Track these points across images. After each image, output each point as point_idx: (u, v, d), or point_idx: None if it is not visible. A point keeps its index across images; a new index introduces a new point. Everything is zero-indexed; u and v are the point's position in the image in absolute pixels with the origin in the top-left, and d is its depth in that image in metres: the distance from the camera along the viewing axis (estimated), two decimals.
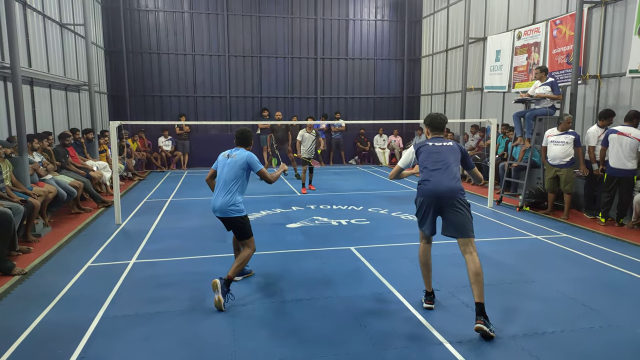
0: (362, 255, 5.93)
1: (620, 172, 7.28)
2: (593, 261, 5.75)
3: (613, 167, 7.35)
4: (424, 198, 4.11)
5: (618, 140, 7.28)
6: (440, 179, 4.02)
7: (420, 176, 4.24)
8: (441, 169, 4.06)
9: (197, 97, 16.05)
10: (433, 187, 4.03)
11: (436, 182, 4.02)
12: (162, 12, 15.53)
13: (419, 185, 4.20)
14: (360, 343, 3.71)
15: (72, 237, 6.87)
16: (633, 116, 7.38)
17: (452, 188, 4.00)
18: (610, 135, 7.40)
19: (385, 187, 11.52)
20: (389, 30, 17.21)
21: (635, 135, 7.19)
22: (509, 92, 11.93)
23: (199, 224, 7.69)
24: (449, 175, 4.04)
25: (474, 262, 3.91)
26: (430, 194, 4.06)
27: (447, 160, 4.10)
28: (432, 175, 4.07)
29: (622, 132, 7.29)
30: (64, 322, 4.08)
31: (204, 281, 5.07)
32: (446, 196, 3.99)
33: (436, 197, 4.03)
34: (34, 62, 9.36)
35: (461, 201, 4.01)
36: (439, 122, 4.35)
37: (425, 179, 4.12)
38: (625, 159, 7.22)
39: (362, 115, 17.13)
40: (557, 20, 10.10)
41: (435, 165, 4.10)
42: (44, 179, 7.69)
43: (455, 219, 4.00)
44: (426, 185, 4.09)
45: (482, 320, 3.74)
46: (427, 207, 4.12)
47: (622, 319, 4.11)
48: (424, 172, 4.16)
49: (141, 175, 13.10)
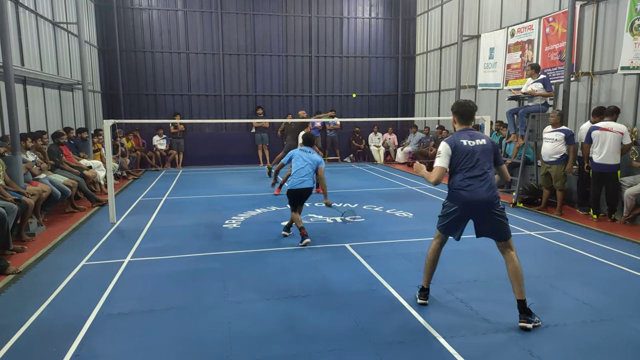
0: (356, 252, 5.96)
1: (604, 167, 7.36)
2: (586, 256, 5.80)
3: (597, 163, 7.43)
4: (459, 207, 3.91)
5: (601, 136, 7.36)
6: (479, 189, 3.81)
7: (453, 179, 3.97)
8: (479, 176, 3.83)
9: (191, 96, 16.02)
10: (471, 197, 3.83)
11: (474, 192, 3.81)
12: (156, 10, 15.48)
13: (453, 190, 3.95)
14: (355, 339, 3.74)
15: (66, 236, 6.85)
16: (613, 111, 7.49)
17: (491, 198, 3.83)
18: (593, 132, 7.48)
19: (380, 184, 11.56)
20: (383, 28, 17.24)
21: (617, 129, 7.28)
22: (502, 89, 11.99)
23: (194, 222, 7.69)
24: (487, 183, 3.84)
25: (513, 261, 3.89)
26: (467, 204, 3.87)
27: (483, 165, 3.86)
28: (469, 183, 3.84)
29: (604, 127, 7.37)
30: (59, 321, 4.08)
31: (199, 279, 5.08)
32: (485, 206, 3.84)
33: (474, 207, 3.87)
34: (26, 60, 9.31)
35: (500, 208, 3.88)
36: (468, 111, 4.04)
37: (461, 186, 3.88)
38: (609, 154, 7.29)
39: (357, 113, 17.17)
40: (550, 18, 10.16)
41: (472, 171, 3.85)
42: (38, 178, 7.66)
43: (494, 225, 3.90)
44: (463, 194, 3.86)
45: (525, 318, 3.79)
46: (461, 215, 3.95)
47: (614, 313, 4.16)
48: (459, 176, 3.91)
49: (136, 174, 13.07)
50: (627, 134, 7.28)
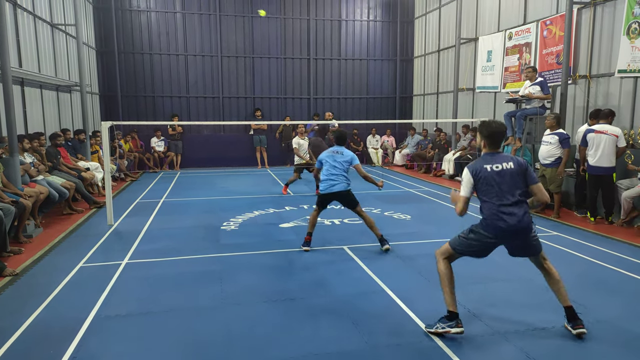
0: (355, 254, 5.96)
1: (599, 170, 7.38)
2: (583, 259, 5.81)
3: (593, 165, 7.45)
4: (492, 236, 3.70)
5: (596, 139, 7.39)
6: (512, 218, 3.60)
7: (484, 207, 3.74)
8: (510, 204, 3.62)
9: (189, 98, 16.02)
10: (505, 227, 3.62)
11: (508, 221, 3.61)
12: (154, 13, 15.49)
13: (487, 220, 3.70)
14: (353, 341, 3.74)
15: (64, 238, 6.84)
16: (609, 114, 7.53)
17: (526, 225, 3.64)
18: (588, 135, 7.51)
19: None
20: (381, 30, 17.28)
21: (612, 132, 7.31)
22: (500, 92, 12.03)
23: (192, 224, 7.68)
24: (520, 210, 3.63)
25: (551, 271, 3.83)
26: (503, 234, 3.67)
27: (513, 190, 3.65)
28: (501, 211, 3.63)
29: (599, 130, 7.40)
30: (56, 323, 4.07)
31: (197, 281, 5.08)
32: (522, 234, 3.68)
33: (510, 237, 3.70)
34: (24, 62, 9.30)
35: (534, 233, 3.74)
36: (498, 136, 3.79)
37: (492, 215, 3.66)
38: (604, 157, 7.32)
39: (355, 116, 17.18)
40: (548, 21, 10.20)
41: (501, 199, 3.64)
42: (35, 180, 7.64)
43: (529, 248, 3.79)
44: (499, 225, 3.63)
45: (580, 324, 3.73)
46: (495, 243, 3.77)
47: (610, 315, 4.17)
48: (489, 204, 3.69)
49: (133, 176, 13.05)
50: (621, 136, 7.31)
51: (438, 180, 12.64)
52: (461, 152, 12.51)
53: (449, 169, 12.78)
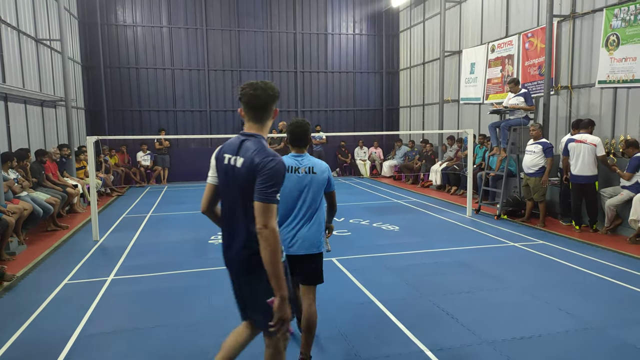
0: (343, 266, 5.95)
1: (581, 178, 7.51)
2: (568, 266, 5.88)
3: (575, 174, 7.59)
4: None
5: (577, 148, 7.53)
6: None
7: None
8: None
9: (176, 112, 15.98)
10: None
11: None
12: (141, 27, 15.49)
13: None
14: (342, 352, 3.72)
15: (48, 255, 6.73)
16: (588, 124, 7.70)
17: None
18: (569, 144, 7.66)
19: (366, 198, 11.60)
20: (367, 43, 17.48)
21: (591, 141, 7.46)
22: (483, 103, 12.20)
23: (179, 238, 7.62)
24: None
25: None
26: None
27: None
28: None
29: (579, 139, 7.56)
30: (40, 341, 3.99)
31: (184, 296, 5.02)
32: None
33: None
34: (8, 77, 9.22)
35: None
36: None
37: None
38: (585, 165, 7.45)
39: (343, 128, 17.28)
40: (529, 33, 10.42)
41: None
42: (19, 196, 7.53)
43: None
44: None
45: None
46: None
47: (596, 322, 4.21)
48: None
49: (120, 191, 12.93)
50: (600, 145, 7.45)
51: (425, 190, 12.73)
52: (447, 163, 12.63)
53: (436, 180, 12.88)
